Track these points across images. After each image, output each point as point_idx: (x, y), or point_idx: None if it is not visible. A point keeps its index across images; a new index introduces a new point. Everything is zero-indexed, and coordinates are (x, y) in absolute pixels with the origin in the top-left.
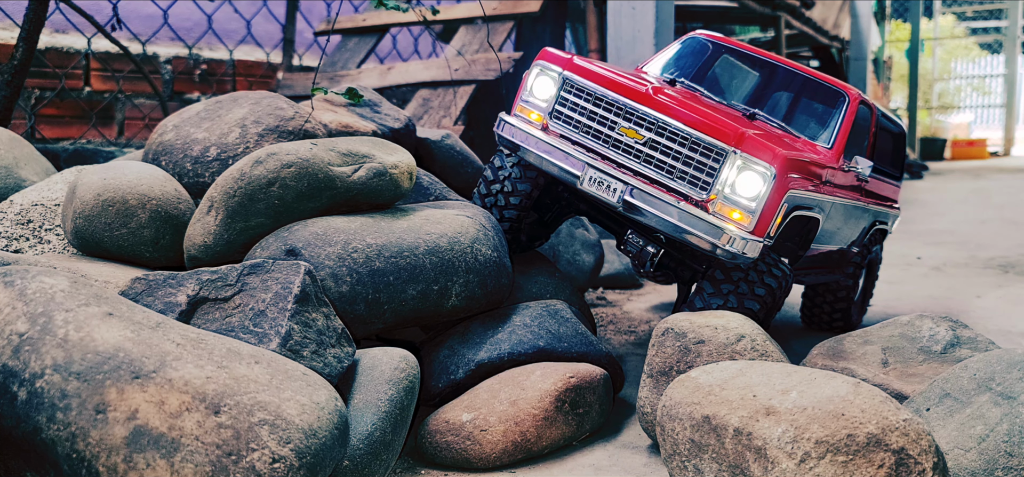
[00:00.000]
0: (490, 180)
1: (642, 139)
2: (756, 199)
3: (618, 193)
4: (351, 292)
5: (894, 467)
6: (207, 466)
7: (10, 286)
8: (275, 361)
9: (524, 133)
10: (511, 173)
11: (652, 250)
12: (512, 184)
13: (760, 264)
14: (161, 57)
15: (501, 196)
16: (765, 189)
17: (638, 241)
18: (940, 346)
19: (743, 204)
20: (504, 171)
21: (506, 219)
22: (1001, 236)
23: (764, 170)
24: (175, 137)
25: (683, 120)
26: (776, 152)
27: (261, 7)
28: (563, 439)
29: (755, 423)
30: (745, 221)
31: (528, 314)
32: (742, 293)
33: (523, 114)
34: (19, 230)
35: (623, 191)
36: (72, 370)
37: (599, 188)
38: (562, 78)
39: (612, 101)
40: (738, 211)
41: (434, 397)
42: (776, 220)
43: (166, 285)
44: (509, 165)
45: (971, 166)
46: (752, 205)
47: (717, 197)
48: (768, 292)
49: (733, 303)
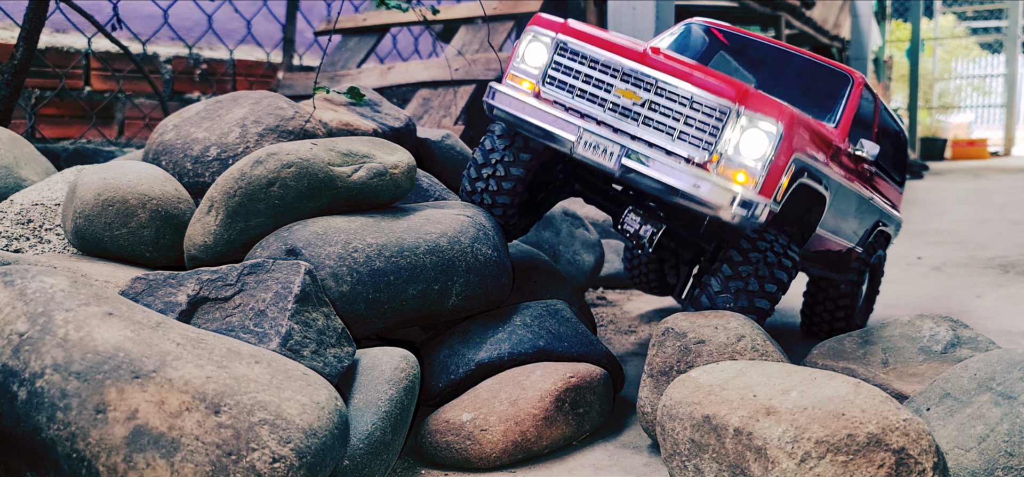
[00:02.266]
0: (480, 164)
1: (640, 100)
2: (761, 159)
3: (615, 157)
4: (351, 292)
5: (894, 467)
6: (207, 466)
7: (10, 286)
8: (275, 361)
9: (515, 100)
10: (503, 156)
11: (651, 228)
12: (505, 168)
13: (770, 253)
14: (161, 57)
15: (493, 181)
16: (771, 148)
17: (636, 219)
18: (940, 346)
19: (748, 165)
20: (496, 155)
21: (498, 205)
22: (1001, 236)
23: (770, 127)
24: (175, 137)
25: (684, 78)
26: (783, 108)
27: (261, 7)
28: (563, 439)
29: (755, 423)
30: (750, 183)
31: (528, 314)
32: (762, 276)
33: (514, 82)
34: (19, 230)
35: (620, 154)
36: (72, 370)
37: (595, 153)
38: (556, 43)
39: (608, 63)
40: (743, 172)
41: (434, 397)
42: (783, 183)
43: (166, 285)
44: (501, 147)
45: (971, 166)
46: (757, 165)
47: (720, 158)
48: (780, 286)
49: (754, 286)
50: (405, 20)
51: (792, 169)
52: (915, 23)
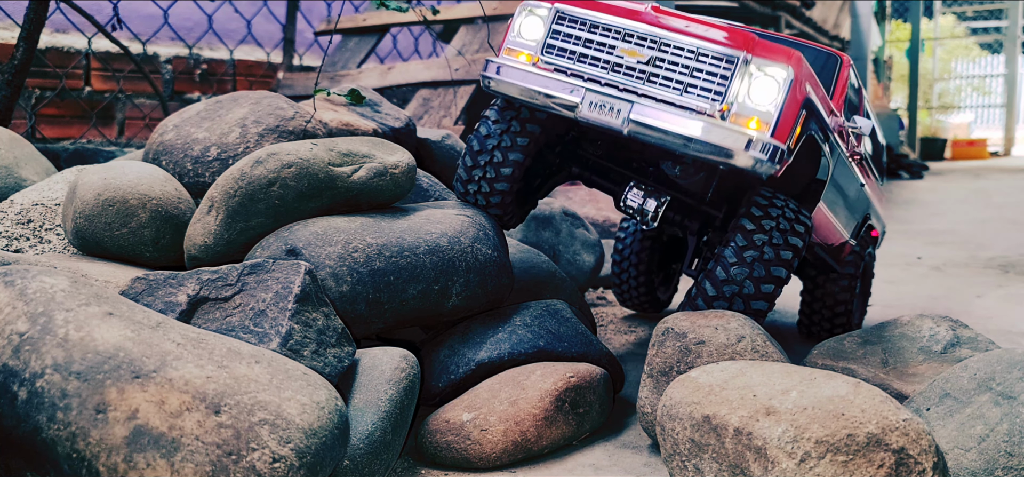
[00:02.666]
0: (476, 151)
1: (644, 59)
2: (773, 104)
3: (622, 114)
4: (351, 292)
5: (894, 467)
6: (207, 466)
7: (10, 286)
8: (275, 361)
9: (515, 70)
10: (501, 141)
11: (655, 201)
12: (503, 154)
13: (783, 220)
14: (161, 57)
15: (490, 168)
16: (782, 93)
17: (639, 193)
18: (940, 346)
19: (760, 111)
20: (492, 140)
21: (496, 192)
22: (1001, 236)
23: (780, 73)
24: (175, 137)
25: (688, 33)
26: (791, 53)
27: (261, 7)
28: (563, 439)
29: (755, 423)
30: (763, 129)
31: (528, 314)
32: (776, 244)
33: (511, 56)
34: (19, 230)
35: (628, 110)
36: (72, 370)
37: (601, 113)
38: (553, 13)
39: (610, 25)
40: (755, 119)
41: (434, 397)
42: (796, 131)
43: (166, 285)
44: (498, 133)
45: (971, 166)
46: (771, 110)
47: (730, 108)
48: (795, 252)
49: (749, 289)
50: (405, 20)
51: (803, 115)
52: (915, 23)
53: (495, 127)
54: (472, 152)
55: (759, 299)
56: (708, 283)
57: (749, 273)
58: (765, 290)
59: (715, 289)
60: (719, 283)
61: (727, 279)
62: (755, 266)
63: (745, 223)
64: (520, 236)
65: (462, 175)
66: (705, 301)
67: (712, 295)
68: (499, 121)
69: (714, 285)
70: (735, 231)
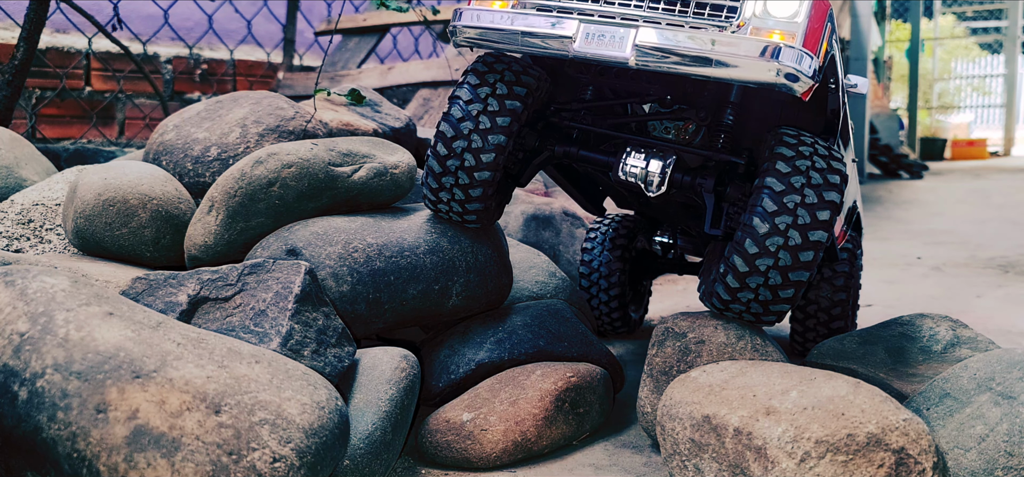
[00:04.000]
0: (450, 137)
1: None
2: (796, 13)
3: (627, 41)
4: (352, 292)
5: (894, 467)
6: (208, 465)
7: (11, 286)
8: (276, 361)
9: (490, 13)
10: (479, 123)
11: (660, 162)
12: (482, 137)
13: (817, 158)
14: (162, 57)
15: (469, 155)
16: (805, 4)
17: (640, 156)
18: (940, 346)
19: (782, 23)
20: (468, 123)
21: (478, 184)
22: (1001, 236)
23: None
24: (176, 137)
25: None
26: None
27: (261, 7)
28: (563, 439)
29: (755, 423)
30: (788, 39)
31: (528, 314)
32: (817, 185)
33: (482, 4)
34: (20, 230)
35: (633, 36)
36: (73, 370)
37: (601, 44)
38: None
39: None
40: (777, 33)
41: (434, 397)
42: (823, 45)
43: (167, 285)
44: (475, 111)
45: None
46: (797, 19)
47: (746, 25)
48: (838, 184)
49: (811, 198)
50: (405, 20)
51: (829, 28)
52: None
53: (471, 106)
54: (445, 139)
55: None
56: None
57: (799, 202)
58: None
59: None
60: (751, 257)
61: (761, 251)
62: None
63: (780, 165)
64: (520, 236)
65: (431, 183)
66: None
67: (744, 271)
68: (473, 100)
69: (746, 261)
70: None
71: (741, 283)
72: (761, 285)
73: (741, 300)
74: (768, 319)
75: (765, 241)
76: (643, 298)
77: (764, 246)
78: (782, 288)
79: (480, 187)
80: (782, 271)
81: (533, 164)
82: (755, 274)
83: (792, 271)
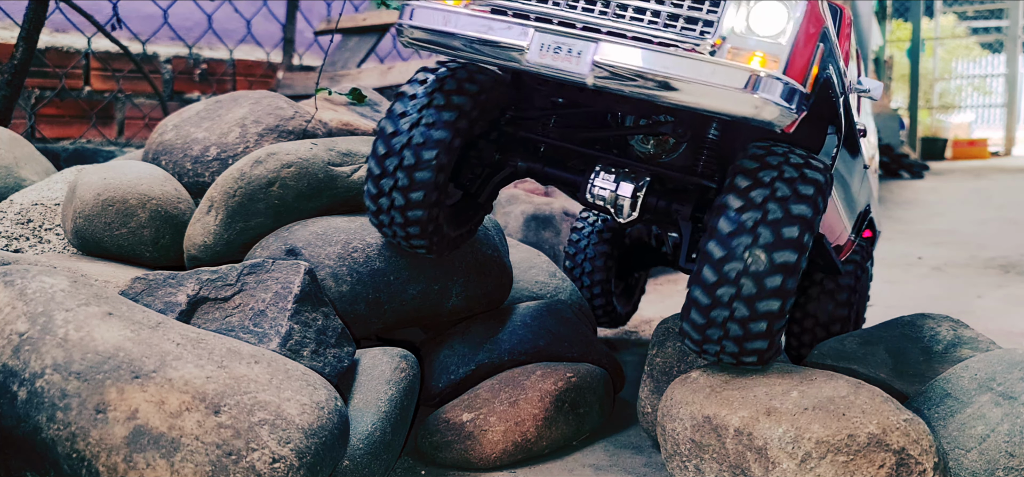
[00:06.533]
0: (382, 154)
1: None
2: (782, 33)
3: (584, 56)
4: (351, 292)
5: (895, 467)
6: (207, 466)
7: (10, 286)
8: (275, 361)
9: (440, 13)
10: (421, 116)
11: (631, 185)
12: (424, 136)
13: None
14: (161, 56)
15: (402, 173)
16: (793, 20)
17: (609, 178)
18: (941, 346)
19: (765, 43)
20: (408, 119)
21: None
22: (1002, 236)
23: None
24: (175, 137)
25: None
26: None
27: (261, 7)
28: (563, 439)
29: (756, 423)
30: (771, 64)
31: (528, 314)
32: (783, 197)
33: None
34: (19, 230)
35: (592, 51)
36: (72, 370)
37: (557, 57)
38: None
39: None
40: (758, 54)
41: (434, 397)
42: (813, 69)
43: (166, 285)
44: (415, 110)
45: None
46: (780, 40)
47: (724, 42)
48: (812, 196)
49: (775, 214)
50: None
51: (821, 50)
52: (915, 23)
53: (412, 103)
54: (385, 137)
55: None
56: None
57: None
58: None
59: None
60: (711, 287)
61: (720, 279)
62: (767, 206)
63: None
64: (520, 236)
65: (371, 188)
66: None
67: (706, 304)
68: (415, 97)
69: (706, 291)
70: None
71: (706, 318)
72: (728, 320)
73: (711, 338)
74: (748, 359)
75: (722, 267)
76: (634, 292)
77: (722, 273)
78: (752, 321)
79: (421, 190)
80: (748, 301)
81: (493, 182)
82: (718, 306)
83: (759, 301)
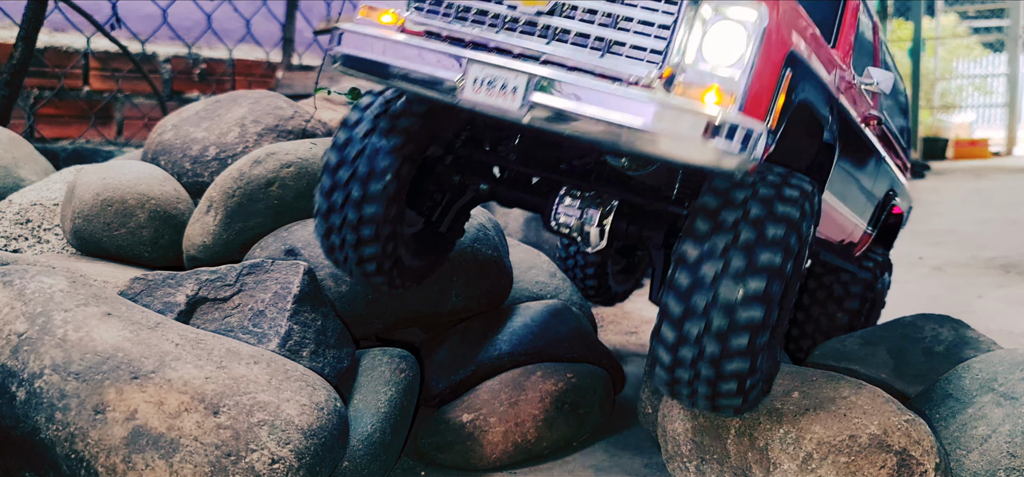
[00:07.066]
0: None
1: (546, 5)
2: (739, 63)
3: (519, 92)
4: (351, 292)
5: (896, 468)
6: (206, 467)
7: (9, 286)
8: (274, 361)
9: (369, 39)
10: (365, 146)
11: (597, 212)
12: (370, 162)
13: (763, 185)
14: (160, 56)
15: (356, 186)
16: (752, 45)
17: (573, 204)
18: (942, 347)
19: (720, 74)
20: (355, 146)
21: (367, 242)
22: (1003, 236)
23: (747, 14)
24: (174, 136)
25: None
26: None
27: (261, 6)
28: (564, 440)
29: (757, 424)
30: (726, 101)
31: (528, 314)
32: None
33: (369, 18)
34: (18, 230)
35: (528, 85)
36: (71, 370)
37: (491, 93)
38: None
39: None
40: (713, 89)
41: (434, 398)
42: (778, 100)
43: (165, 285)
44: (361, 133)
45: (973, 166)
46: (734, 73)
47: (673, 73)
48: (789, 228)
49: (738, 264)
50: None
51: (788, 75)
52: (917, 22)
53: (359, 127)
54: (330, 170)
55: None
56: (661, 348)
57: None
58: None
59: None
60: (672, 346)
61: (680, 339)
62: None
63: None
64: (520, 236)
65: (320, 224)
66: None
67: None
68: (359, 122)
69: (666, 348)
70: (677, 263)
71: (671, 375)
72: (694, 379)
73: (681, 395)
74: (725, 414)
75: (682, 326)
76: (634, 272)
77: (681, 332)
78: (722, 380)
79: (371, 244)
80: (712, 362)
81: (455, 208)
82: (681, 366)
83: (725, 361)
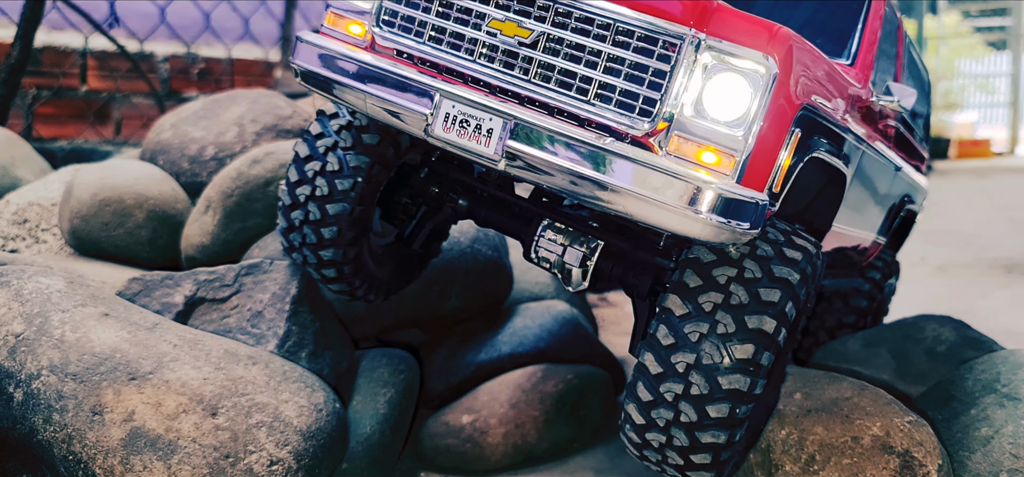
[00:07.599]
0: (287, 206)
1: (528, 36)
2: (742, 121)
3: (495, 136)
4: None
5: (899, 470)
6: (204, 468)
7: (6, 286)
8: (273, 362)
9: (335, 56)
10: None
11: (581, 251)
12: (340, 161)
13: (762, 242)
14: (158, 55)
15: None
16: (757, 101)
17: (556, 240)
18: (945, 347)
19: (719, 134)
20: (328, 139)
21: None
22: (1006, 236)
23: (753, 65)
24: (172, 136)
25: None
26: (774, 31)
27: (259, 6)
28: (564, 441)
29: None
30: (724, 165)
31: (528, 315)
32: (738, 306)
33: (336, 28)
34: (15, 230)
35: (503, 130)
36: (68, 371)
37: (463, 133)
38: None
39: None
40: (710, 148)
41: (434, 399)
42: (784, 161)
43: (163, 285)
44: (336, 127)
45: (976, 166)
46: (736, 132)
47: (669, 126)
48: (786, 293)
49: (726, 326)
50: None
51: (797, 135)
52: (919, 21)
53: (319, 143)
54: (290, 184)
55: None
56: (633, 405)
57: (708, 328)
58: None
59: (643, 414)
60: (647, 406)
61: (657, 399)
62: (717, 313)
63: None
64: None
65: (281, 221)
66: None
67: (642, 423)
68: (323, 134)
69: (639, 408)
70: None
71: (641, 437)
72: (665, 445)
73: (649, 459)
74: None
75: (659, 386)
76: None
77: (659, 393)
78: (695, 451)
79: (334, 228)
80: (688, 429)
81: (428, 224)
82: (653, 429)
83: (700, 430)
